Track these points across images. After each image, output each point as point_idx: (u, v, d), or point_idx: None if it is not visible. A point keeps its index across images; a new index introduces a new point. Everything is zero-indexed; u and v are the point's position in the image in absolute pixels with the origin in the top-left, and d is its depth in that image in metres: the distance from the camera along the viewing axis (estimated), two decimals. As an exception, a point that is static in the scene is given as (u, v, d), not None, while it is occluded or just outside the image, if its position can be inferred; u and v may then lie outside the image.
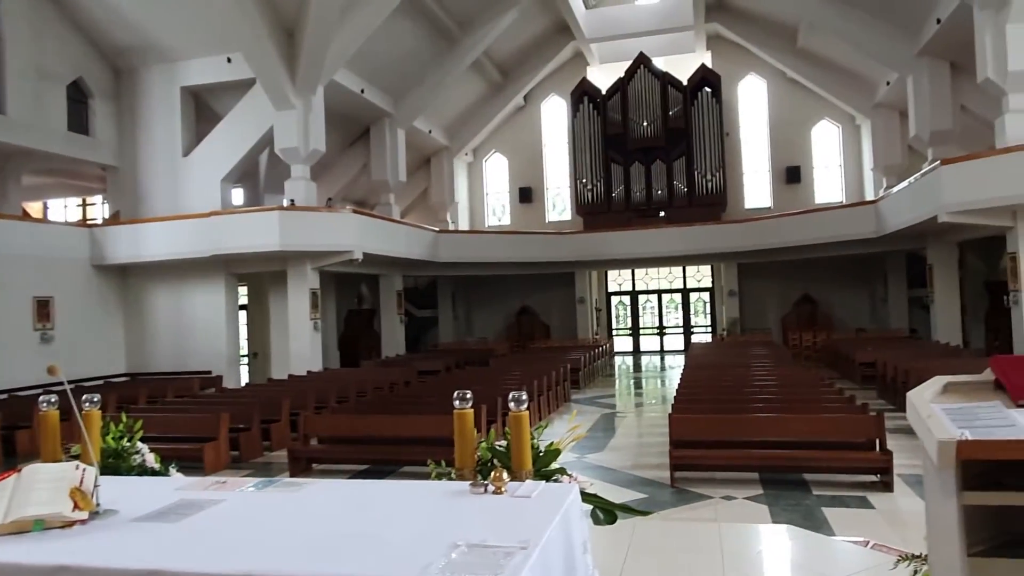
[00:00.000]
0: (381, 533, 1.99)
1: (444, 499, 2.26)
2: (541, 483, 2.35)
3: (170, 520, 2.18)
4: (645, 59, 23.05)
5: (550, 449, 2.72)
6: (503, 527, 1.93)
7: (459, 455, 2.48)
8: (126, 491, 2.53)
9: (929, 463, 1.79)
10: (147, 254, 15.23)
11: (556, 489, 2.31)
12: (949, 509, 1.72)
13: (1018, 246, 12.04)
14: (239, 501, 2.39)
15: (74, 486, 2.17)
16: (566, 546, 2.00)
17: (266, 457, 9.74)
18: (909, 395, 1.93)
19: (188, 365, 15.76)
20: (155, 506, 2.32)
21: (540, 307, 25.03)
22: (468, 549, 1.70)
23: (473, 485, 2.31)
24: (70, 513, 2.13)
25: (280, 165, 16.50)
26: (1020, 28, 11.63)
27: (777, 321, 22.83)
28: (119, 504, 2.32)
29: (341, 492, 2.55)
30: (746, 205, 23.67)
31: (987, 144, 15.26)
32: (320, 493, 2.47)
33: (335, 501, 2.38)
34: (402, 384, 13.78)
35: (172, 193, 16.40)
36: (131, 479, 2.97)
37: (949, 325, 16.08)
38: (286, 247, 14.33)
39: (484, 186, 26.64)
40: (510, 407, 2.49)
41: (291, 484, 2.57)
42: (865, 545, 5.21)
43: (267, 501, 2.40)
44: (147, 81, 16.75)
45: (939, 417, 1.81)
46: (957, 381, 2.00)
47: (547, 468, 2.66)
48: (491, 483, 2.27)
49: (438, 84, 20.03)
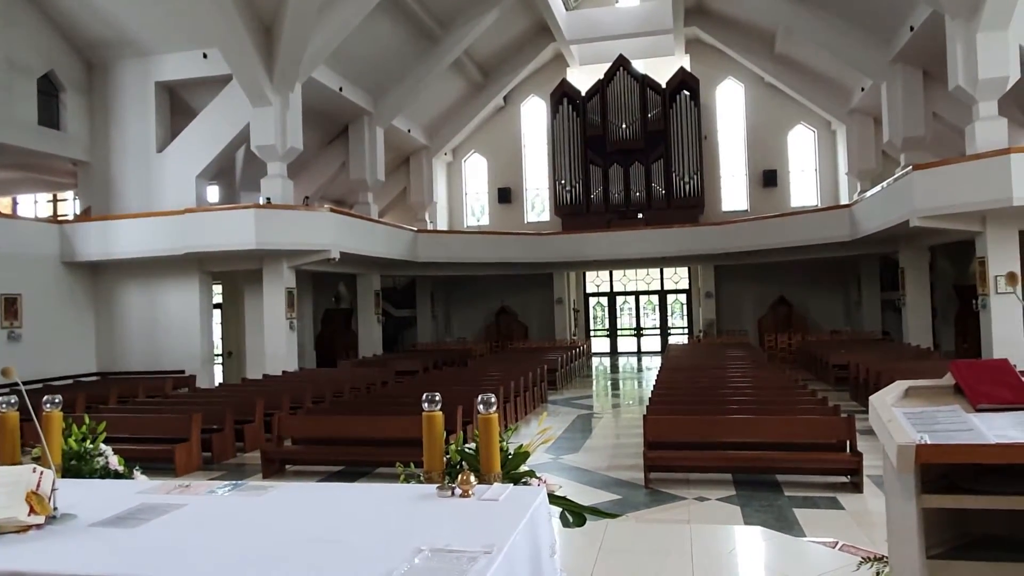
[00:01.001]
0: (344, 538, 1.96)
1: (410, 503, 2.22)
2: (509, 486, 2.33)
3: (128, 525, 2.12)
4: (625, 61, 23.15)
5: (519, 452, 2.70)
6: (469, 531, 1.91)
7: (427, 458, 2.45)
8: (86, 494, 2.46)
9: (889, 466, 1.80)
10: (119, 251, 14.99)
11: (523, 492, 2.29)
12: (909, 511, 1.74)
13: (987, 251, 12.27)
14: (201, 505, 2.34)
15: (30, 490, 2.11)
16: (532, 549, 1.99)
17: (239, 458, 9.63)
18: (872, 399, 1.95)
19: (160, 365, 15.54)
20: (114, 510, 2.26)
21: (519, 308, 25.05)
22: (431, 554, 1.68)
23: (440, 488, 2.28)
24: (25, 517, 2.07)
25: (256, 163, 16.34)
26: (990, 37, 11.84)
27: (753, 323, 23.06)
28: (78, 508, 2.27)
29: (307, 496, 2.50)
30: (723, 208, 23.88)
31: (958, 150, 15.52)
32: (285, 497, 2.43)
33: (300, 505, 2.34)
34: (379, 385, 13.70)
35: (145, 190, 16.16)
36: (92, 482, 2.90)
37: (920, 328, 16.34)
38: (262, 245, 14.18)
39: (463, 186, 26.59)
40: (479, 410, 2.47)
41: (256, 488, 2.52)
42: (834, 546, 5.27)
43: (230, 505, 2.35)
44: (121, 75, 16.49)
45: (899, 421, 1.83)
46: (919, 385, 2.02)
47: (516, 471, 2.65)
48: (458, 486, 2.24)
49: (418, 83, 19.95)
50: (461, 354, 19.80)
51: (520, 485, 2.49)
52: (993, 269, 12.13)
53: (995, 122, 12.15)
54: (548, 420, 12.22)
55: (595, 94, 23.48)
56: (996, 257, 12.14)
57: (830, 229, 17.97)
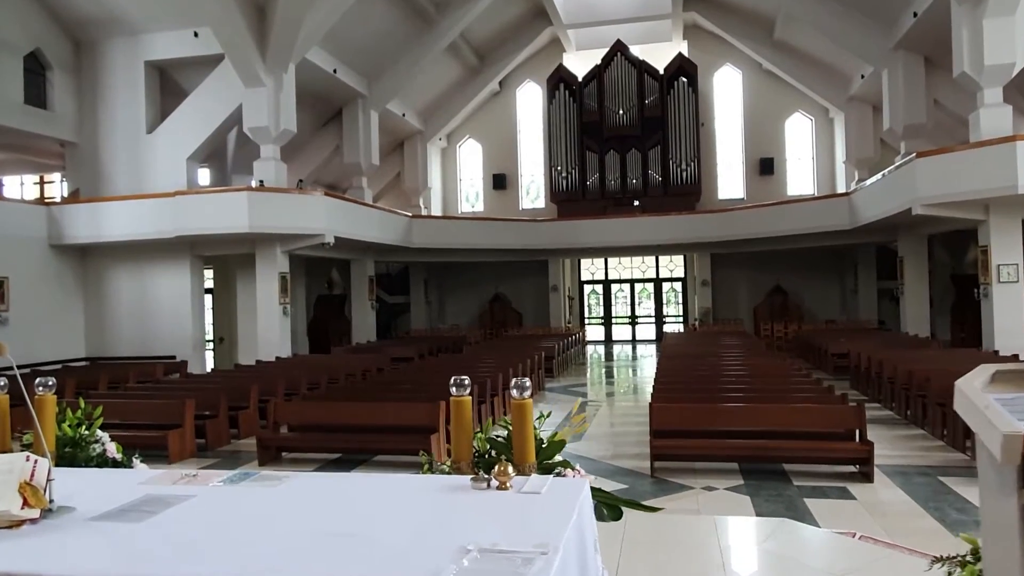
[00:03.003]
0: (374, 534, 1.77)
1: (443, 495, 2.02)
2: (548, 478, 2.14)
3: (132, 519, 1.92)
4: (622, 46, 22.88)
5: (553, 440, 2.52)
6: (516, 528, 1.72)
7: (456, 446, 2.26)
8: (84, 485, 2.25)
9: (987, 458, 1.62)
10: (108, 234, 14.67)
11: (566, 485, 2.10)
12: (1008, 507, 1.57)
13: (989, 240, 12.16)
14: (210, 497, 2.13)
15: (24, 480, 1.91)
16: (580, 547, 1.81)
17: (233, 445, 9.43)
18: (958, 384, 1.77)
19: (151, 350, 15.27)
20: (116, 503, 2.05)
21: (513, 295, 24.86)
22: (481, 555, 1.50)
23: (475, 480, 2.09)
24: (18, 511, 1.87)
25: (249, 145, 16.01)
26: (997, 22, 11.69)
27: (749, 311, 22.97)
28: (75, 500, 2.06)
29: (325, 487, 2.29)
30: (719, 196, 23.72)
31: (958, 138, 15.42)
32: (301, 487, 2.22)
33: (319, 496, 2.14)
34: (375, 371, 13.50)
35: (135, 171, 15.80)
36: (90, 471, 2.68)
37: (918, 317, 16.26)
38: (255, 229, 13.91)
39: (457, 172, 26.30)
40: (512, 394, 2.28)
41: (268, 478, 2.31)
42: (853, 536, 5.13)
43: (241, 497, 2.15)
44: (109, 54, 16.08)
45: (998, 408, 1.65)
46: (1006, 369, 1.85)
47: (550, 460, 2.47)
48: (495, 477, 2.06)
49: (413, 66, 19.62)
50: (456, 341, 19.61)
51: (554, 476, 2.31)
52: (996, 258, 12.04)
53: (1000, 109, 12.01)
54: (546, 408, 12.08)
55: (592, 79, 23.21)
56: (999, 246, 12.04)
57: (829, 217, 17.85)
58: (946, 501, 6.16)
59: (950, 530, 5.39)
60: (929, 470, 7.21)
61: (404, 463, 8.01)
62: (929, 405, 8.84)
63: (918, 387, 9.28)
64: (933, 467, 7.33)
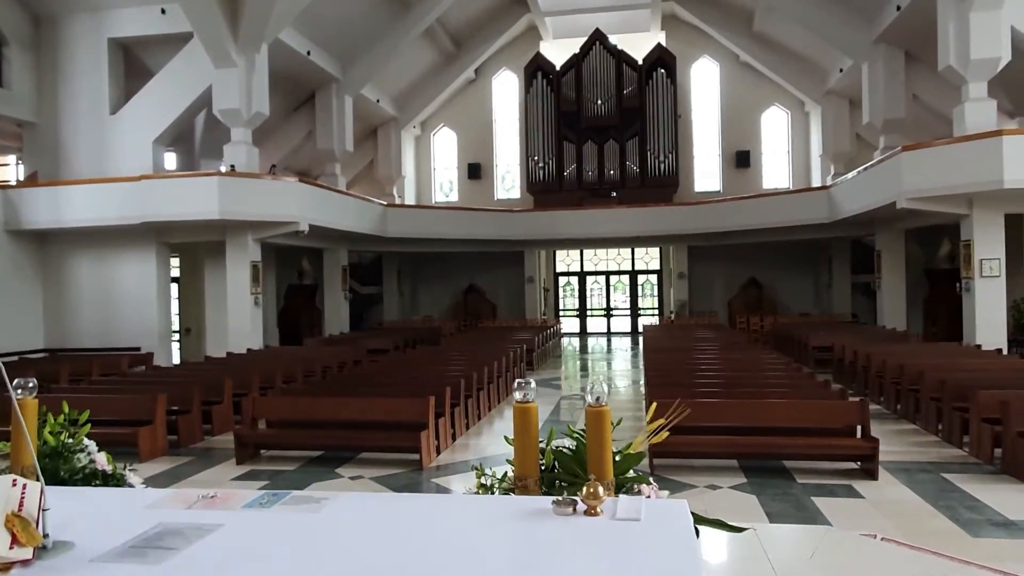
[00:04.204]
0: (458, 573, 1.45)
1: (520, 524, 1.67)
2: (639, 499, 1.84)
3: (148, 559, 1.54)
4: (601, 36, 22.62)
5: (629, 453, 2.23)
6: (630, 569, 1.42)
7: (520, 460, 1.95)
8: (78, 510, 1.86)
9: None
10: (69, 219, 13.95)
11: (666, 509, 1.78)
12: None
13: (973, 234, 12.20)
14: (239, 527, 1.75)
15: (11, 511, 1.55)
16: (696, 587, 1.52)
17: (207, 442, 8.97)
18: None
19: (114, 341, 14.60)
20: (123, 535, 1.67)
21: (487, 286, 24.52)
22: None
23: (558, 504, 1.76)
24: (6, 552, 1.50)
25: (218, 129, 15.40)
26: (983, 16, 11.70)
27: (723, 304, 22.98)
28: (72, 532, 1.67)
29: (376, 511, 1.90)
30: (696, 188, 23.65)
31: (936, 134, 15.50)
32: (348, 511, 1.84)
33: (372, 524, 1.76)
34: (351, 364, 13.08)
35: (97, 154, 15.07)
36: (81, 491, 2.25)
37: (895, 311, 16.37)
38: (226, 216, 13.36)
39: (432, 161, 25.82)
40: (587, 399, 1.97)
41: (304, 501, 1.93)
42: (874, 538, 4.94)
43: (277, 526, 1.77)
44: (71, 31, 15.27)
45: None
46: None
47: (624, 476, 2.18)
48: (583, 500, 1.74)
49: (389, 51, 19.10)
50: (431, 332, 19.22)
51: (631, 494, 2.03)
52: (979, 252, 12.07)
53: (984, 103, 12.06)
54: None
55: (570, 69, 22.92)
56: (982, 240, 12.08)
57: (808, 211, 17.87)
58: (955, 499, 6.03)
59: (967, 531, 5.25)
60: (930, 466, 7.11)
61: (392, 460, 7.67)
62: (922, 400, 8.77)
63: (910, 382, 9.22)
64: (933, 463, 7.23)
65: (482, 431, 9.39)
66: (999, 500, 5.95)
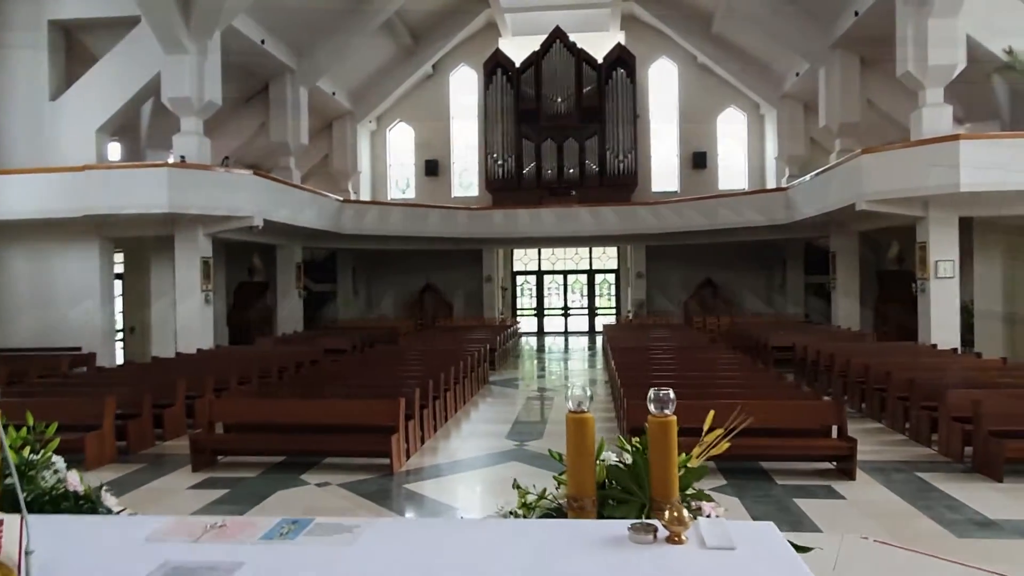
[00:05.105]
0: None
1: (593, 555, 1.41)
2: (725, 523, 1.64)
3: None
4: (561, 33, 22.50)
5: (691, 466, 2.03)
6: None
7: (575, 477, 1.72)
8: (62, 546, 1.54)
9: None
10: (4, 211, 13.10)
11: (755, 532, 1.59)
12: None
13: (928, 236, 12.46)
14: (264, 563, 1.46)
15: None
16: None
17: (159, 448, 8.46)
18: None
19: (53, 341, 13.78)
20: None
21: (445, 285, 24.16)
22: None
23: (634, 530, 1.54)
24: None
25: (166, 119, 14.69)
26: (941, 23, 11.94)
27: (679, 304, 23.14)
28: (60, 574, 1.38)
29: (413, 540, 1.64)
30: (653, 188, 23.75)
31: (889, 138, 15.86)
32: (384, 540, 1.55)
33: (417, 555, 1.50)
34: (309, 364, 12.62)
35: (36, 143, 14.19)
36: (59, 520, 1.86)
37: (849, 311, 16.69)
38: (176, 209, 12.74)
39: (388, 156, 25.33)
40: (650, 410, 1.75)
41: (332, 530, 1.60)
42: (866, 540, 4.87)
43: (310, 561, 1.47)
44: (7, 11, 14.33)
45: None
46: None
47: (686, 492, 1.97)
48: (667, 527, 1.52)
49: (346, 42, 18.60)
50: (388, 332, 18.79)
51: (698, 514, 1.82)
52: (934, 254, 12.34)
53: (941, 109, 12.32)
54: (494, 401, 11.59)
55: (530, 66, 22.74)
56: (937, 242, 12.35)
57: (766, 212, 18.08)
58: (933, 499, 6.05)
59: (952, 532, 5.24)
60: (903, 465, 7.15)
61: (359, 466, 7.32)
62: (889, 399, 8.86)
63: (876, 381, 9.31)
64: (906, 462, 7.27)
65: (450, 433, 9.12)
66: (976, 499, 5.98)
